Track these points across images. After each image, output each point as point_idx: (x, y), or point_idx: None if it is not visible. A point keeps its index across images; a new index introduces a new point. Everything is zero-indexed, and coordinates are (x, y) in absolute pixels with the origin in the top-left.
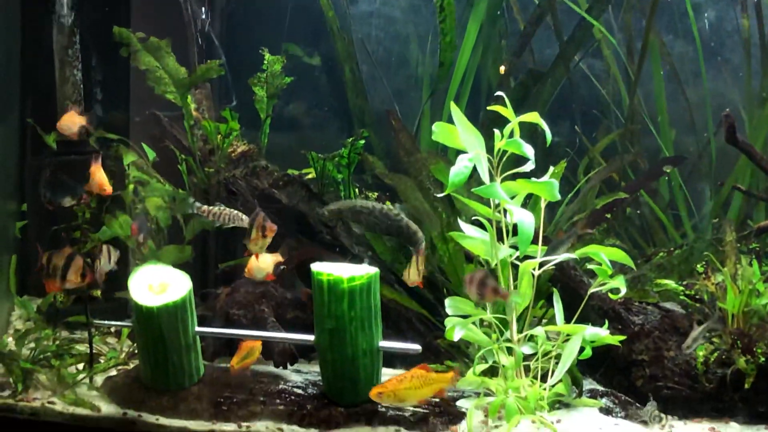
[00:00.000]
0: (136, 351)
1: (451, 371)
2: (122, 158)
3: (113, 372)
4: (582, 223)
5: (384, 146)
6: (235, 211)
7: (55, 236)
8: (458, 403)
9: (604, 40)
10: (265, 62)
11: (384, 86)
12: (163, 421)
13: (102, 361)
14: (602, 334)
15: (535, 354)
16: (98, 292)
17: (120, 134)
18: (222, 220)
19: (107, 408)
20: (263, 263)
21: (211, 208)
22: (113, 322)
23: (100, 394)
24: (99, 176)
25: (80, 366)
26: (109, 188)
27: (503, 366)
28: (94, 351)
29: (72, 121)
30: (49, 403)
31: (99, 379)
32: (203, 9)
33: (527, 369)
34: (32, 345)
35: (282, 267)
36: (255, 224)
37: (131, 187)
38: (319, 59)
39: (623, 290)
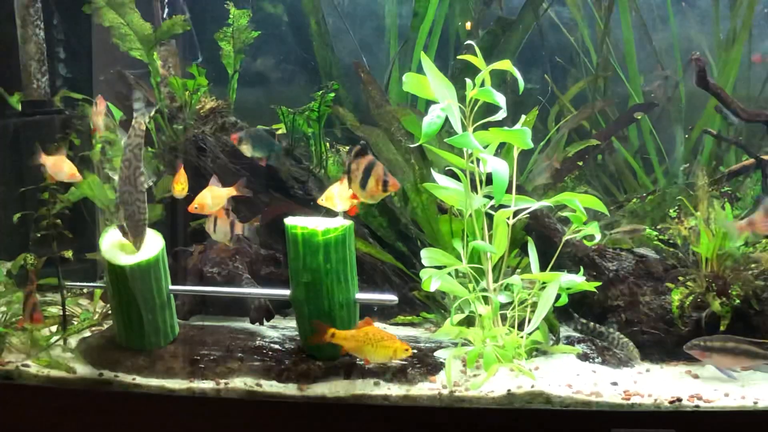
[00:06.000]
0: (110, 312)
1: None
2: (88, 117)
3: (87, 333)
4: (557, 156)
5: (353, 99)
6: None
7: (22, 198)
8: (436, 353)
9: None
10: (231, 16)
11: (351, 38)
12: (140, 380)
13: (75, 322)
14: (578, 281)
15: (511, 303)
16: (69, 253)
17: (84, 93)
18: None
19: (83, 369)
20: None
21: None
22: (85, 284)
23: (75, 356)
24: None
25: (53, 328)
26: None
27: (480, 316)
28: (66, 313)
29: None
30: (23, 366)
31: (73, 341)
32: None
33: (504, 318)
34: (3, 309)
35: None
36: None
37: (98, 146)
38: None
39: (598, 237)
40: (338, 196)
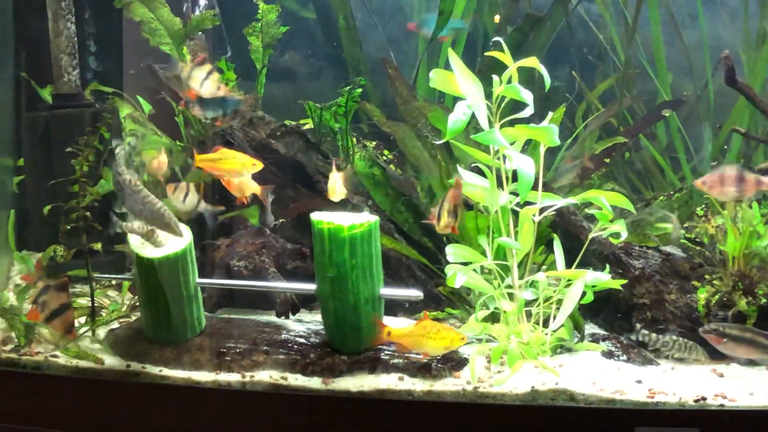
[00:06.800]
0: (138, 303)
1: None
2: (118, 111)
3: (115, 325)
4: (587, 156)
5: (380, 94)
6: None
7: (52, 190)
8: (460, 349)
9: None
10: (260, 11)
11: (379, 34)
12: (167, 372)
13: (104, 314)
14: (603, 278)
15: (536, 299)
16: (99, 245)
17: (114, 87)
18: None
19: (110, 360)
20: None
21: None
22: (114, 276)
23: (103, 347)
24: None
25: (82, 319)
26: None
27: (505, 312)
28: (95, 304)
29: None
30: (52, 356)
31: (101, 332)
32: None
33: (529, 315)
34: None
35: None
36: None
37: (129, 139)
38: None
39: (624, 234)
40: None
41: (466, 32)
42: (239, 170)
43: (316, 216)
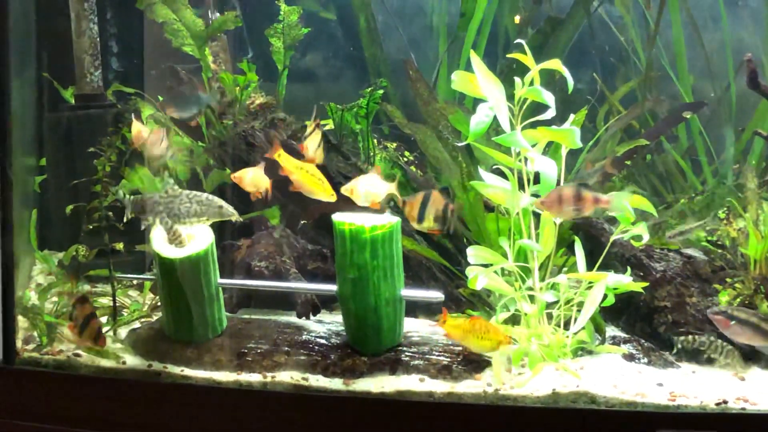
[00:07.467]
0: (159, 304)
1: None
2: (140, 111)
3: (136, 324)
4: (609, 161)
5: (400, 96)
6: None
7: (74, 190)
8: None
9: None
10: (282, 13)
11: (400, 35)
12: (189, 372)
13: (125, 313)
14: (625, 281)
15: (557, 302)
16: (121, 245)
17: (135, 87)
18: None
19: (132, 360)
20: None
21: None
22: (135, 275)
23: (125, 347)
24: None
25: (103, 319)
26: None
27: (525, 314)
28: (117, 304)
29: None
30: (74, 355)
31: (122, 332)
32: None
33: (549, 317)
34: (55, 299)
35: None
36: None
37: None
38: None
39: (646, 237)
40: (363, 188)
41: (486, 34)
42: (310, 189)
43: (337, 217)
